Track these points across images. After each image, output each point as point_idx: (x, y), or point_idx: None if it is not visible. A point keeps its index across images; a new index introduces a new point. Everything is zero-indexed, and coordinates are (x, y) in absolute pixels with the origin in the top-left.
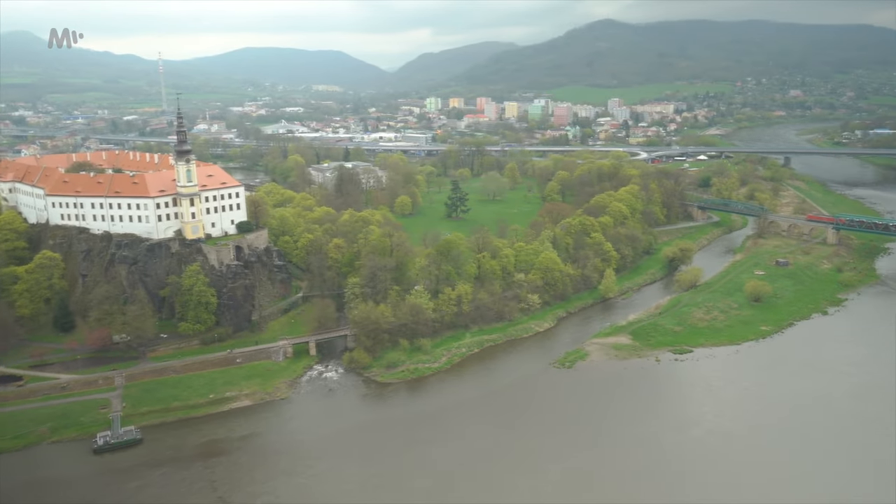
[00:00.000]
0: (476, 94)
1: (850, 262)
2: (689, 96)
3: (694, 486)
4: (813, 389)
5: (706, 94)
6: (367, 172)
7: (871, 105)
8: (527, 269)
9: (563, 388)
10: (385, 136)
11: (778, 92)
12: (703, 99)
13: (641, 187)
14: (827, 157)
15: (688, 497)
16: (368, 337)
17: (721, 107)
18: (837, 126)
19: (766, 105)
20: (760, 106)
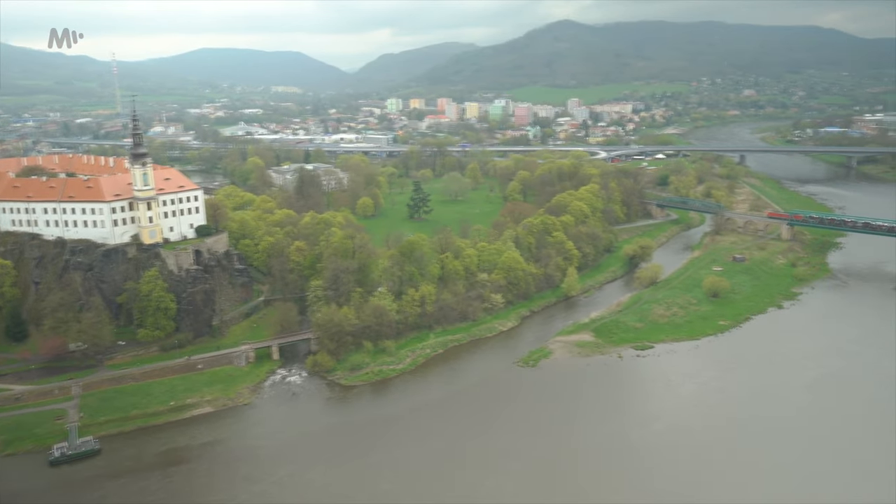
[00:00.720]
0: (437, 95)
1: (804, 257)
2: (647, 96)
3: (655, 481)
4: (769, 383)
5: (663, 93)
6: (329, 174)
7: (821, 104)
8: (490, 268)
9: (527, 387)
10: (346, 137)
11: (732, 91)
12: (661, 99)
13: (601, 186)
14: (780, 155)
15: (649, 492)
16: (332, 340)
17: (678, 106)
18: (789, 125)
19: (721, 104)
20: (715, 105)
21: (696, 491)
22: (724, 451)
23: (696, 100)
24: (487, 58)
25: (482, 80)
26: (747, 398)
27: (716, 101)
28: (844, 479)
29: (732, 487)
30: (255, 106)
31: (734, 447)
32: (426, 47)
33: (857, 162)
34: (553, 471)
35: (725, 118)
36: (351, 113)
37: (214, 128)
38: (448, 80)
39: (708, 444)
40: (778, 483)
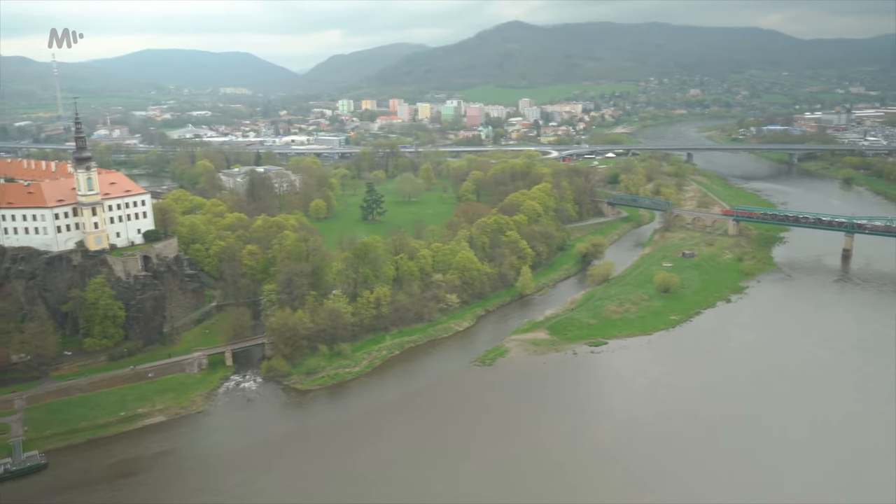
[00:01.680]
0: (388, 96)
1: (750, 251)
2: (596, 96)
3: (606, 477)
4: (717, 376)
5: (612, 93)
6: (280, 176)
7: (764, 103)
8: (444, 269)
9: (484, 386)
10: (297, 139)
11: (678, 91)
12: (610, 98)
13: (554, 185)
14: (725, 153)
15: (600, 488)
16: (286, 344)
17: (626, 106)
18: (734, 123)
19: (668, 104)
20: (663, 105)
21: (646, 485)
22: (673, 446)
23: (644, 99)
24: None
25: (434, 80)
26: (696, 392)
27: (663, 100)
28: (788, 468)
29: (681, 480)
30: (204, 108)
31: (683, 441)
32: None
33: (798, 159)
34: (506, 470)
35: (673, 117)
36: (302, 114)
37: (161, 130)
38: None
39: (658, 439)
40: (726, 475)
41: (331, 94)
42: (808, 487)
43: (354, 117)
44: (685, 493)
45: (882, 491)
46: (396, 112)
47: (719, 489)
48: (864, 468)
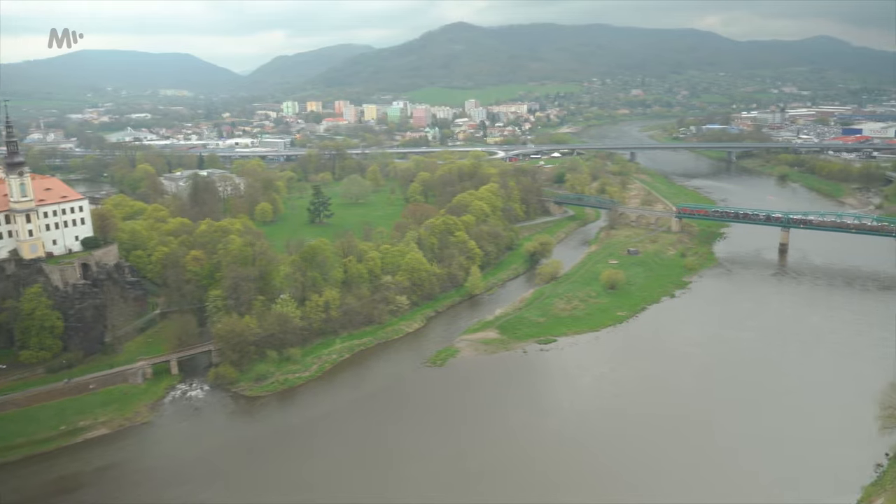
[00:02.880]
0: (334, 98)
1: (692, 247)
2: (541, 96)
3: (547, 476)
4: (661, 371)
5: (556, 94)
6: (224, 180)
7: (703, 103)
8: (393, 270)
9: (435, 387)
10: (241, 141)
11: (621, 91)
12: (554, 99)
13: (501, 185)
14: (667, 151)
15: (539, 486)
16: (234, 350)
17: (571, 106)
18: (675, 122)
19: (612, 104)
20: (606, 105)
21: (585, 483)
22: (616, 442)
23: (587, 99)
24: (384, 60)
25: (379, 81)
26: (640, 388)
27: (606, 100)
28: (728, 463)
29: (621, 477)
30: (143, 110)
31: (626, 437)
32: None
33: (736, 157)
34: (453, 471)
35: (616, 117)
36: (246, 117)
37: (99, 134)
38: (345, 82)
39: (601, 436)
40: (668, 471)
41: (275, 96)
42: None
43: (300, 119)
44: (626, 489)
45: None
46: (342, 114)
47: (660, 484)
48: (803, 460)
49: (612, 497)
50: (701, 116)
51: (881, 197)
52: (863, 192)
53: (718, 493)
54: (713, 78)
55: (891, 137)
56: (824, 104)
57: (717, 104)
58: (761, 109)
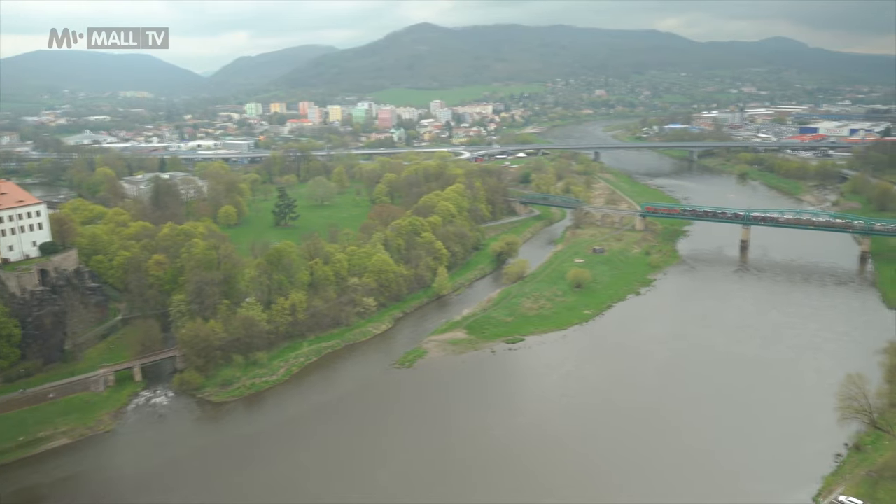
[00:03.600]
0: (298, 99)
1: (657, 245)
2: (506, 97)
3: (513, 477)
4: (626, 368)
5: (521, 94)
6: (187, 183)
7: (665, 103)
8: (360, 272)
9: (404, 388)
10: (204, 143)
11: (585, 91)
12: (519, 99)
13: (467, 186)
14: (630, 151)
15: (507, 488)
16: (199, 356)
17: (535, 106)
18: (637, 122)
19: (576, 104)
20: (570, 105)
21: (552, 483)
22: (581, 440)
23: (552, 100)
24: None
25: (344, 82)
26: (606, 386)
27: (570, 100)
28: (690, 458)
29: (586, 476)
30: (102, 112)
31: (591, 436)
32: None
33: (698, 156)
34: (420, 474)
35: (580, 117)
36: (208, 118)
37: (56, 137)
38: (309, 83)
39: (566, 435)
40: (631, 466)
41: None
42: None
43: (263, 121)
44: (591, 488)
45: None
46: (307, 115)
47: (623, 479)
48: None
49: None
50: (663, 116)
51: (837, 194)
52: (820, 190)
53: (681, 487)
54: (674, 78)
55: (846, 136)
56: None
57: (679, 104)
58: (721, 109)
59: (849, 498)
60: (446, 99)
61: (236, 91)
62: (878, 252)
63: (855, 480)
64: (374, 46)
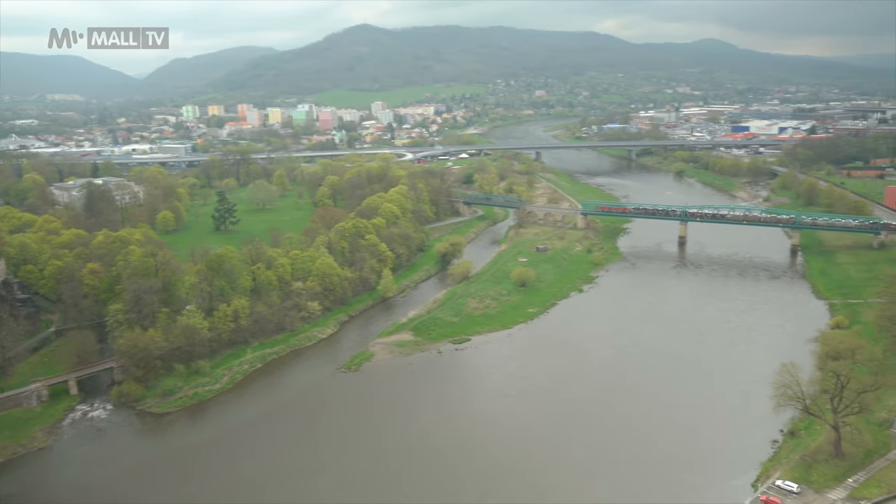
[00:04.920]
0: (236, 101)
1: (598, 243)
2: (448, 98)
3: (452, 478)
4: (568, 365)
5: (462, 95)
6: (122, 188)
7: (603, 103)
8: (304, 276)
9: (350, 393)
10: (139, 147)
11: (525, 92)
12: (460, 100)
13: (410, 187)
14: (570, 151)
15: (451, 489)
16: (138, 366)
17: (477, 107)
18: (577, 122)
19: (516, 105)
20: (511, 105)
21: (493, 484)
22: (524, 440)
23: (493, 101)
24: (287, 62)
25: (283, 84)
26: (549, 384)
27: (511, 101)
28: (631, 452)
29: (530, 475)
30: (29, 116)
31: (534, 434)
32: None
33: (636, 154)
34: (359, 480)
35: (521, 117)
36: (143, 122)
37: None
38: (248, 85)
39: (510, 434)
40: (574, 466)
41: (174, 100)
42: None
43: (201, 124)
44: (534, 486)
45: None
46: (246, 117)
47: (567, 479)
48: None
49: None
50: (602, 116)
51: (768, 190)
52: (752, 186)
53: (624, 483)
54: (612, 79)
55: (775, 134)
56: (715, 103)
57: (617, 104)
58: (658, 109)
59: (785, 482)
60: (388, 100)
61: (172, 93)
62: (807, 245)
63: (791, 465)
64: (313, 48)
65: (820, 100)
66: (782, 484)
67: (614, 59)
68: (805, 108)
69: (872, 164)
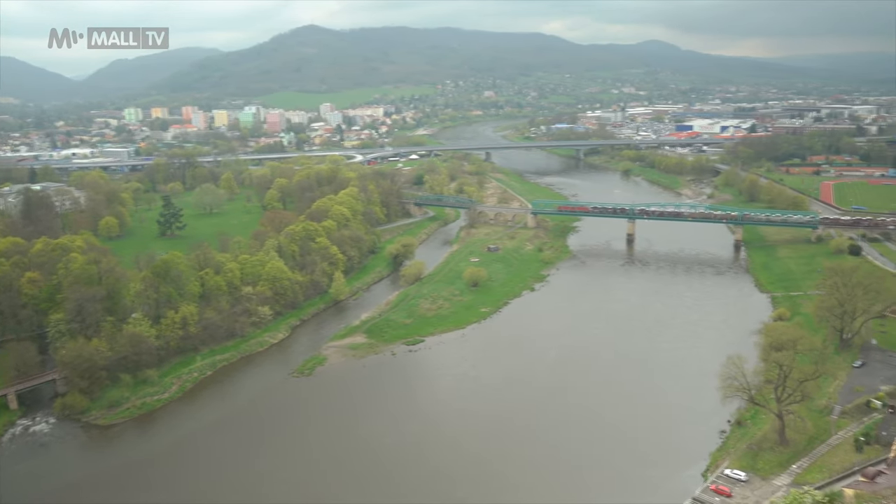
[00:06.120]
0: (181, 103)
1: (548, 241)
2: (397, 99)
3: (404, 480)
4: (519, 365)
5: (412, 96)
6: (62, 194)
7: (551, 103)
8: (254, 281)
9: (303, 397)
10: (79, 152)
11: (474, 93)
12: (410, 101)
13: (360, 189)
14: (520, 151)
15: (401, 492)
16: (83, 377)
17: (426, 108)
18: (526, 122)
19: (465, 105)
20: (460, 106)
21: (439, 486)
22: (477, 441)
23: (442, 101)
24: (233, 63)
25: (229, 86)
26: (500, 384)
27: (460, 102)
28: (582, 450)
29: (477, 478)
30: None
31: (486, 436)
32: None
33: (584, 154)
34: (309, 486)
35: (470, 118)
36: (83, 125)
37: None
38: (193, 87)
39: (459, 437)
40: (526, 466)
41: (116, 103)
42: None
43: (144, 127)
44: (488, 487)
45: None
46: (191, 120)
47: (519, 480)
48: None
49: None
50: (550, 116)
51: (712, 187)
52: (696, 184)
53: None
54: (559, 79)
55: (717, 133)
56: (659, 103)
57: (564, 104)
58: (604, 109)
59: (734, 471)
60: (336, 102)
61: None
62: (749, 240)
63: (738, 454)
64: (260, 49)
65: (759, 99)
66: (731, 473)
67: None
68: (745, 107)
69: (809, 160)
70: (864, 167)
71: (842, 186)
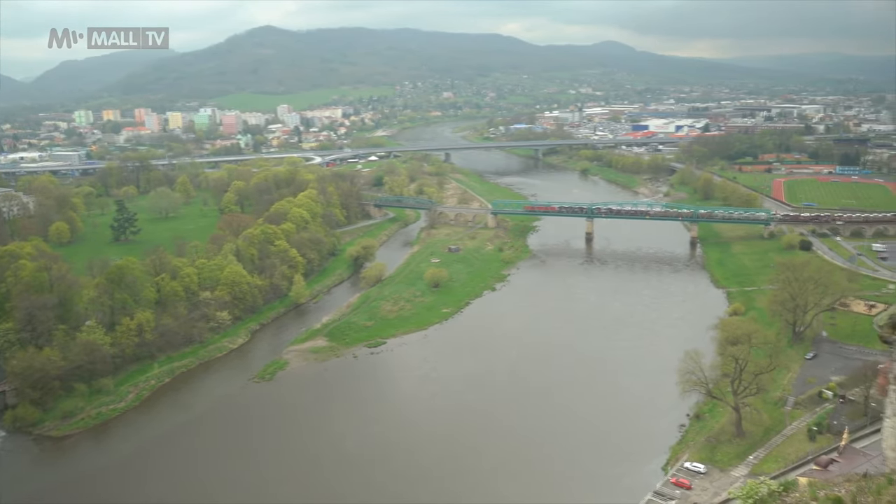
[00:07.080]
0: (134, 105)
1: (508, 241)
2: (355, 100)
3: (366, 483)
4: (480, 365)
5: (370, 97)
6: (9, 199)
7: (509, 104)
8: (212, 286)
9: (263, 402)
10: (27, 156)
11: (433, 94)
12: (368, 102)
13: (319, 191)
14: (479, 151)
15: (361, 495)
16: (34, 388)
17: (385, 109)
18: (484, 123)
19: (424, 106)
20: (419, 107)
21: (401, 489)
22: (438, 442)
23: (401, 102)
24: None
25: (184, 88)
26: (462, 385)
27: (419, 103)
28: (544, 448)
29: (440, 479)
30: None
31: (447, 437)
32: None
33: (542, 154)
34: (271, 490)
35: (429, 119)
36: (31, 128)
37: None
38: (146, 88)
39: (422, 439)
40: (486, 467)
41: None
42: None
43: (95, 129)
44: (449, 489)
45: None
46: (144, 122)
47: (481, 480)
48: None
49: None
50: (508, 117)
51: (668, 185)
52: (653, 182)
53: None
54: (517, 80)
55: (672, 132)
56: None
57: (523, 104)
58: (562, 109)
59: (693, 463)
60: (294, 103)
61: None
62: (704, 237)
63: (697, 447)
64: (215, 49)
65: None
66: (690, 465)
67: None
68: (699, 107)
69: (761, 159)
70: (812, 165)
71: (792, 184)
